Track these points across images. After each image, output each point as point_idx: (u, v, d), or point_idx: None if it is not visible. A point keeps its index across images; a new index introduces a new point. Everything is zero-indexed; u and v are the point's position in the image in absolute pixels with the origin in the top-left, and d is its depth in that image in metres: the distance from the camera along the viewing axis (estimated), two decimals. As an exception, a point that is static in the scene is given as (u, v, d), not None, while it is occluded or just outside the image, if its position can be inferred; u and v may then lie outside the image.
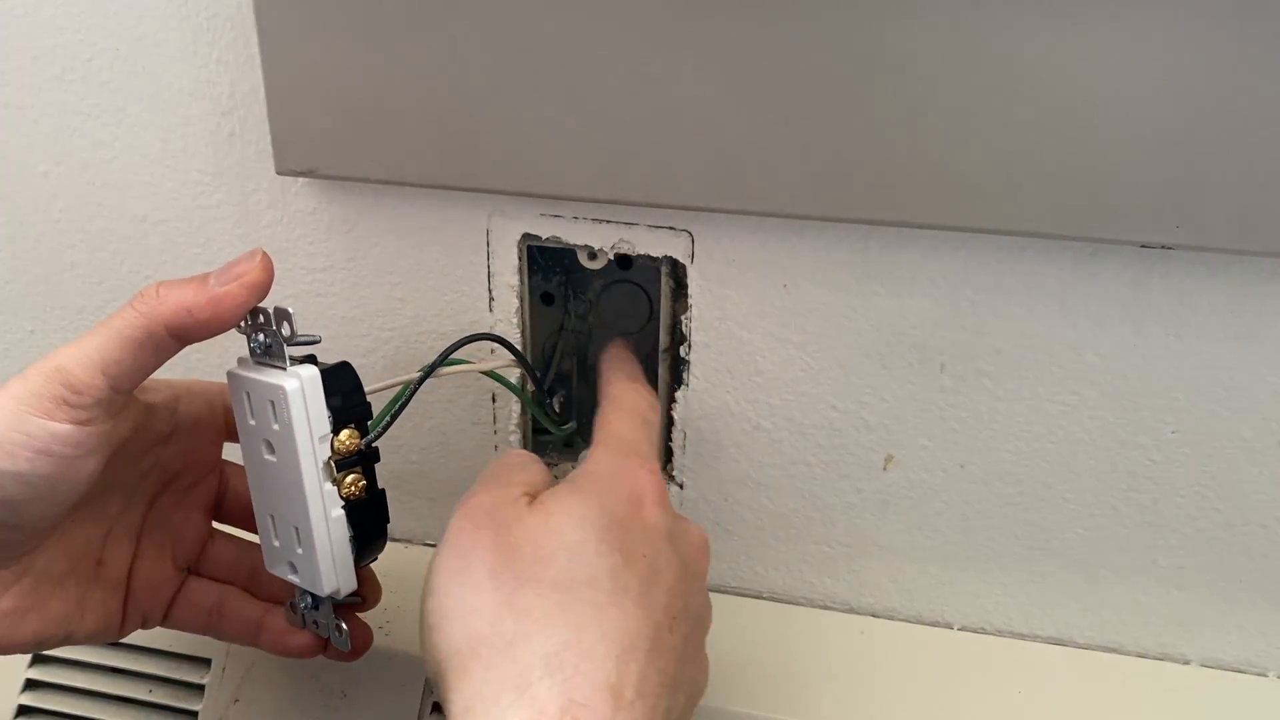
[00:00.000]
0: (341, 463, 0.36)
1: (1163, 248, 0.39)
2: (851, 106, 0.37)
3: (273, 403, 0.35)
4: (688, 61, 0.38)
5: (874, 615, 0.50)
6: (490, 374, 0.44)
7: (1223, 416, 0.42)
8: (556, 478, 0.38)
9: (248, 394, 0.36)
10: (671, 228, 0.43)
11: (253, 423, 0.36)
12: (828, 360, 0.45)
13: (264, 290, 0.36)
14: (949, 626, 0.50)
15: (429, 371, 0.39)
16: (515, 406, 0.49)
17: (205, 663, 0.50)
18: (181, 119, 0.46)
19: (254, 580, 0.43)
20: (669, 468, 0.49)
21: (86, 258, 0.50)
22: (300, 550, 0.37)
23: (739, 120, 0.38)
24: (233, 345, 0.38)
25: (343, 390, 0.36)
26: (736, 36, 0.37)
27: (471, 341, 0.41)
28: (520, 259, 0.45)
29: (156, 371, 0.36)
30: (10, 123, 0.47)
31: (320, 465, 0.36)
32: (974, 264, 0.41)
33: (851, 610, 0.51)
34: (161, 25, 0.44)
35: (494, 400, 0.49)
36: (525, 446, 0.50)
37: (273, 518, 0.38)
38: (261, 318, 0.35)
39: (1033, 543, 0.47)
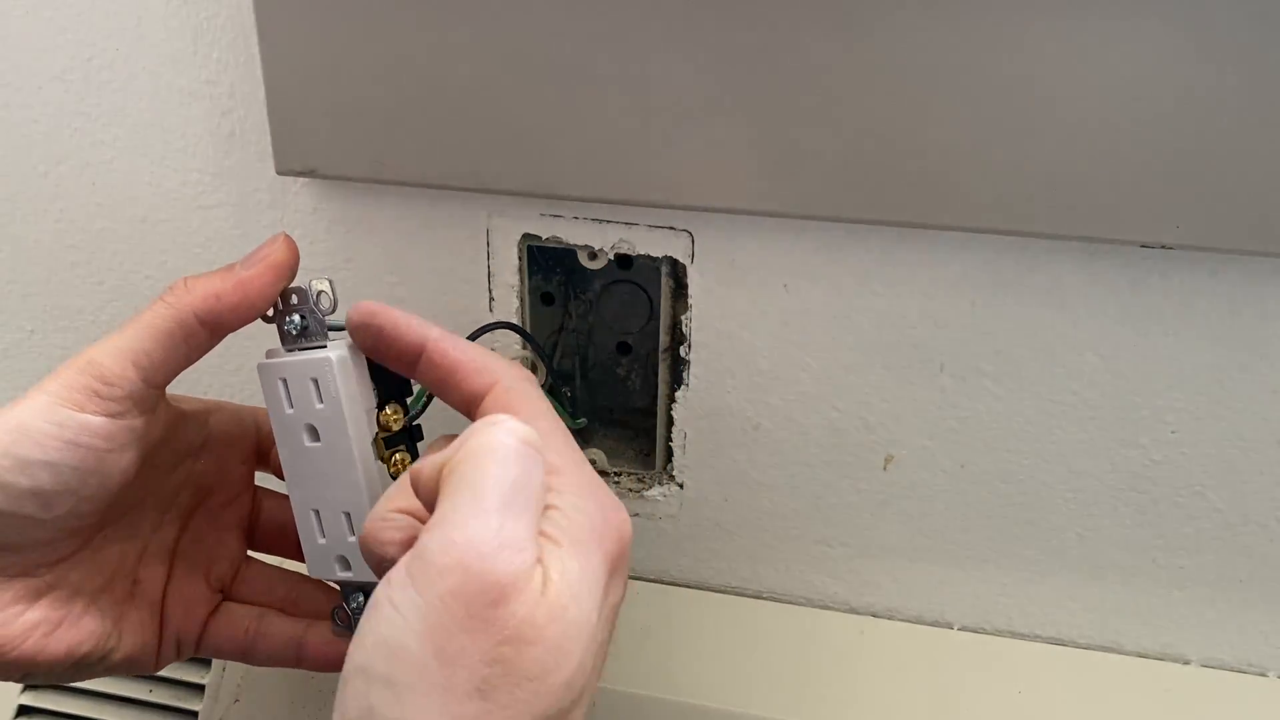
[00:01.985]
0: (388, 440, 0.36)
1: (1163, 248, 0.39)
2: (852, 107, 0.37)
3: (316, 380, 0.35)
4: (688, 62, 0.38)
5: (874, 615, 0.50)
6: None
7: (1223, 416, 0.42)
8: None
9: (284, 380, 0.35)
10: (671, 228, 0.43)
11: (291, 411, 0.36)
12: (828, 360, 0.45)
13: (290, 271, 0.36)
14: (949, 626, 0.50)
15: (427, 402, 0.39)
16: (515, 406, 0.49)
17: (205, 662, 0.50)
18: (181, 119, 0.46)
19: (290, 603, 0.42)
20: (669, 467, 0.49)
21: (86, 258, 0.50)
22: (353, 538, 0.36)
23: (739, 120, 0.38)
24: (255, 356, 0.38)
25: (384, 369, 0.36)
26: (737, 36, 0.37)
27: (493, 329, 0.41)
28: (520, 259, 0.45)
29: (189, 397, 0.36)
30: (10, 123, 0.47)
31: (370, 441, 0.35)
32: (974, 264, 0.41)
33: (851, 610, 0.51)
34: (161, 25, 0.44)
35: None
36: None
37: (316, 512, 0.37)
38: (294, 298, 0.35)
39: (1033, 543, 0.47)
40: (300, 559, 0.39)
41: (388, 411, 0.36)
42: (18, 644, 0.35)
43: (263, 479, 0.43)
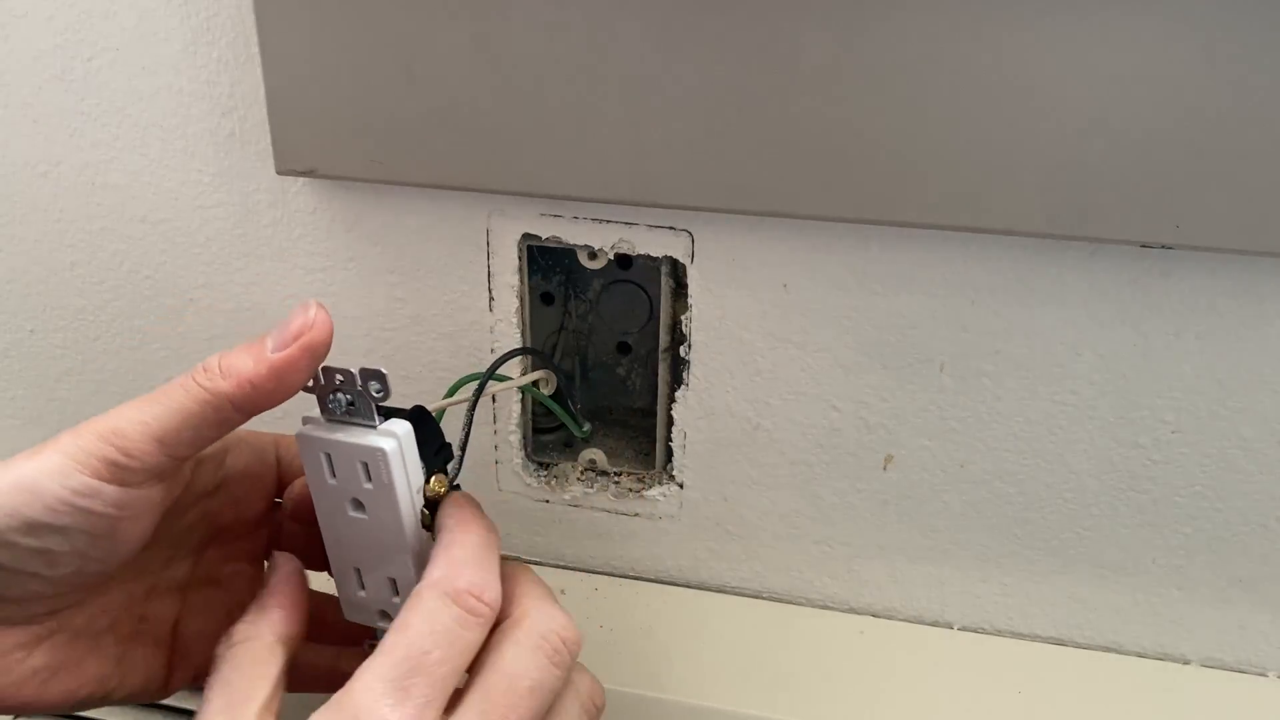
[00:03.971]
0: (430, 507, 0.36)
1: (1163, 248, 0.39)
2: (851, 106, 0.37)
3: (365, 464, 0.34)
4: (688, 62, 0.38)
5: (874, 615, 0.50)
6: (526, 389, 0.44)
7: (1223, 416, 0.42)
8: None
9: (327, 455, 0.35)
10: (671, 228, 0.43)
11: (333, 483, 0.35)
12: (828, 360, 0.45)
13: (326, 350, 0.34)
14: (949, 626, 0.50)
15: (479, 391, 0.39)
16: (515, 407, 0.49)
17: (205, 663, 0.50)
18: (181, 119, 0.46)
19: (320, 626, 0.39)
20: (669, 467, 0.49)
21: (86, 258, 0.50)
22: (397, 599, 0.36)
23: (739, 120, 0.38)
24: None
25: (428, 439, 0.35)
26: (737, 36, 0.37)
27: (514, 356, 0.41)
28: (520, 259, 0.45)
29: None
30: (10, 123, 0.47)
31: (417, 515, 0.35)
32: (974, 264, 0.41)
33: (851, 610, 0.51)
34: (161, 25, 0.44)
35: (494, 400, 0.49)
36: (525, 447, 0.50)
37: (357, 570, 0.37)
38: (339, 378, 0.34)
39: (1033, 543, 0.47)
40: (325, 568, 0.38)
41: (432, 484, 0.36)
42: (16, 690, 0.34)
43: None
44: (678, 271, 0.45)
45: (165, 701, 0.50)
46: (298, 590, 0.36)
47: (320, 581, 0.39)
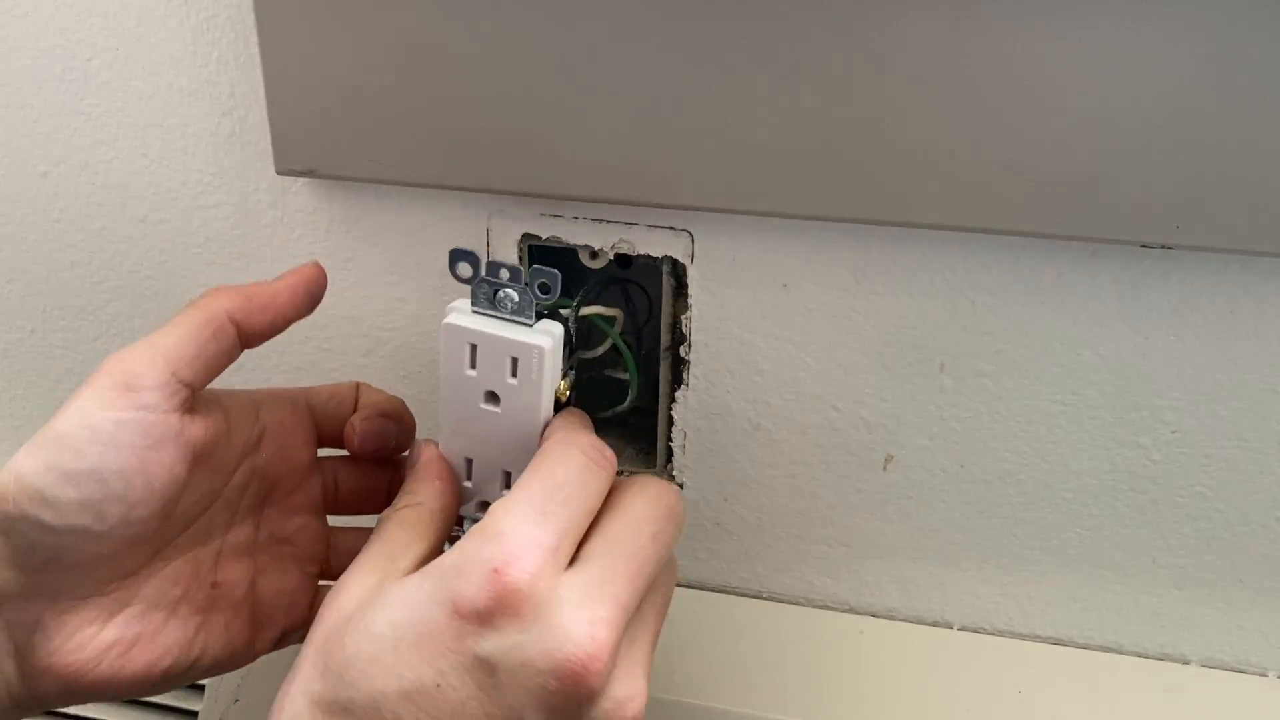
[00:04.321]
0: (556, 408, 0.37)
1: (1163, 248, 0.39)
2: (851, 106, 0.37)
3: (516, 359, 0.35)
4: (687, 61, 0.38)
5: (874, 615, 0.50)
6: (598, 318, 0.44)
7: (1223, 416, 0.42)
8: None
9: (473, 345, 0.35)
10: (671, 228, 0.43)
11: (472, 373, 0.36)
12: (828, 360, 0.45)
13: (320, 287, 0.37)
14: (949, 626, 0.50)
15: (576, 312, 0.40)
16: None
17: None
18: (181, 119, 0.46)
19: None
20: (669, 467, 0.49)
21: (86, 258, 0.50)
22: (508, 491, 0.36)
23: (739, 120, 0.38)
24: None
25: (567, 342, 0.36)
26: (736, 36, 0.37)
27: (608, 285, 0.42)
28: (520, 259, 0.45)
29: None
30: (10, 123, 0.47)
31: (550, 414, 0.36)
32: (974, 264, 0.41)
33: (851, 610, 0.51)
34: (161, 25, 0.44)
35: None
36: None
37: (469, 460, 0.37)
38: (505, 273, 0.35)
39: (1033, 543, 0.47)
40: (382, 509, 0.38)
41: (562, 385, 0.36)
42: (93, 666, 0.34)
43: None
44: (678, 271, 0.45)
45: (164, 700, 0.50)
46: (447, 469, 0.37)
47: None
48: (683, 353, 0.46)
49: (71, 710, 0.51)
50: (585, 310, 0.43)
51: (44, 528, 0.32)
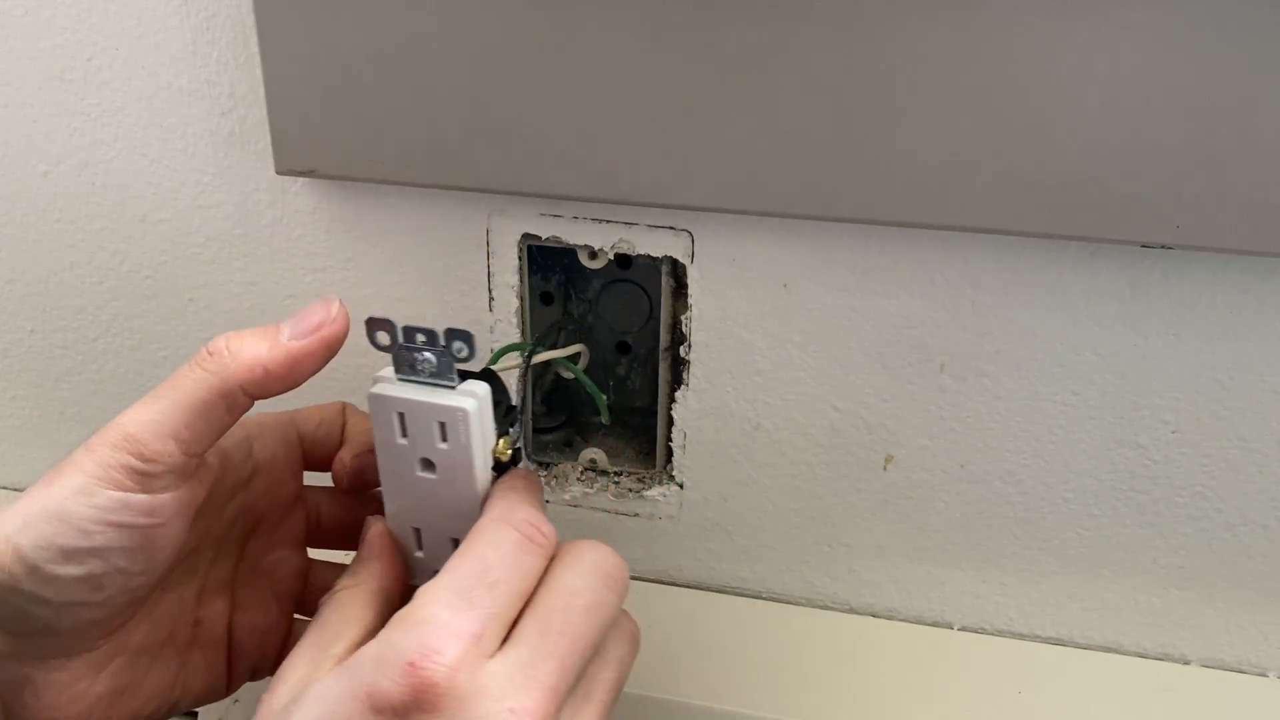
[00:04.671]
0: (497, 469, 0.36)
1: (1163, 248, 0.39)
2: (851, 106, 0.37)
3: (443, 424, 0.34)
4: (688, 61, 0.38)
5: (874, 615, 0.50)
6: (565, 363, 0.44)
7: (1223, 416, 0.42)
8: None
9: (400, 414, 0.35)
10: (671, 228, 0.43)
11: (403, 442, 0.35)
12: (828, 360, 0.45)
13: (341, 344, 0.34)
14: (949, 626, 0.50)
15: (529, 362, 0.39)
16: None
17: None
18: (181, 119, 0.46)
19: None
20: (669, 467, 0.49)
21: (86, 258, 0.50)
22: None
23: (739, 120, 0.38)
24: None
25: (499, 400, 0.36)
26: (737, 36, 0.37)
27: (558, 330, 0.42)
28: (520, 259, 0.45)
29: None
30: (10, 123, 0.47)
31: (488, 477, 0.35)
32: (974, 264, 0.41)
33: (851, 610, 0.51)
34: (161, 25, 0.44)
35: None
36: (526, 448, 0.50)
37: (418, 530, 0.37)
38: (421, 337, 0.34)
39: (1033, 543, 0.47)
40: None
41: (501, 445, 0.36)
42: (85, 717, 0.33)
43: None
44: (678, 271, 0.45)
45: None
46: (392, 547, 0.36)
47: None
48: (683, 353, 0.46)
49: None
50: (541, 357, 0.42)
51: (39, 601, 0.31)
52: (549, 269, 0.49)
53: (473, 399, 0.34)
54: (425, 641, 0.29)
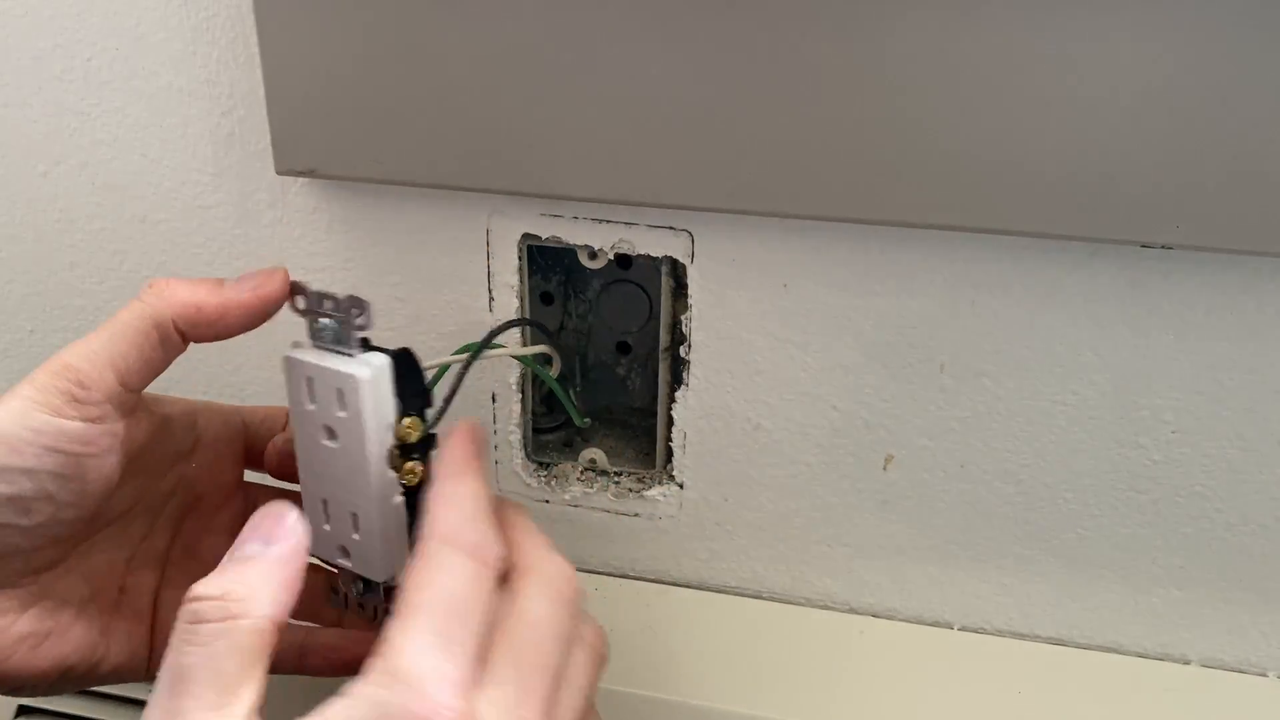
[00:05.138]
0: (402, 450, 0.36)
1: (1163, 248, 0.39)
2: (851, 106, 0.37)
3: (341, 390, 0.35)
4: (688, 61, 0.38)
5: (874, 615, 0.50)
6: (521, 358, 0.44)
7: (1223, 416, 0.42)
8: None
9: (309, 379, 0.35)
10: (671, 228, 0.43)
11: (312, 408, 0.36)
12: (828, 360, 0.45)
13: (277, 305, 0.36)
14: (949, 626, 0.50)
15: (475, 355, 0.40)
16: (515, 406, 0.49)
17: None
18: (181, 119, 0.46)
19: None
20: (669, 467, 0.49)
21: (86, 258, 0.50)
22: (357, 536, 0.37)
23: (739, 120, 0.38)
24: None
25: (410, 381, 0.36)
26: (737, 36, 0.37)
27: (513, 326, 0.42)
28: (520, 259, 0.45)
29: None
30: (10, 123, 0.47)
31: (385, 452, 0.36)
32: (974, 264, 0.41)
33: (851, 610, 0.51)
34: (161, 25, 0.44)
35: (494, 400, 0.49)
36: (525, 448, 0.50)
37: (325, 502, 0.37)
38: (328, 303, 0.35)
39: (1033, 543, 0.47)
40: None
41: (405, 424, 0.36)
42: (5, 657, 0.34)
43: (252, 474, 0.42)
44: (678, 271, 0.45)
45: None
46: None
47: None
48: (683, 353, 0.46)
49: (70, 710, 0.51)
50: (519, 353, 0.43)
51: None
52: (549, 269, 0.49)
53: (368, 368, 0.34)
54: (427, 698, 0.28)
